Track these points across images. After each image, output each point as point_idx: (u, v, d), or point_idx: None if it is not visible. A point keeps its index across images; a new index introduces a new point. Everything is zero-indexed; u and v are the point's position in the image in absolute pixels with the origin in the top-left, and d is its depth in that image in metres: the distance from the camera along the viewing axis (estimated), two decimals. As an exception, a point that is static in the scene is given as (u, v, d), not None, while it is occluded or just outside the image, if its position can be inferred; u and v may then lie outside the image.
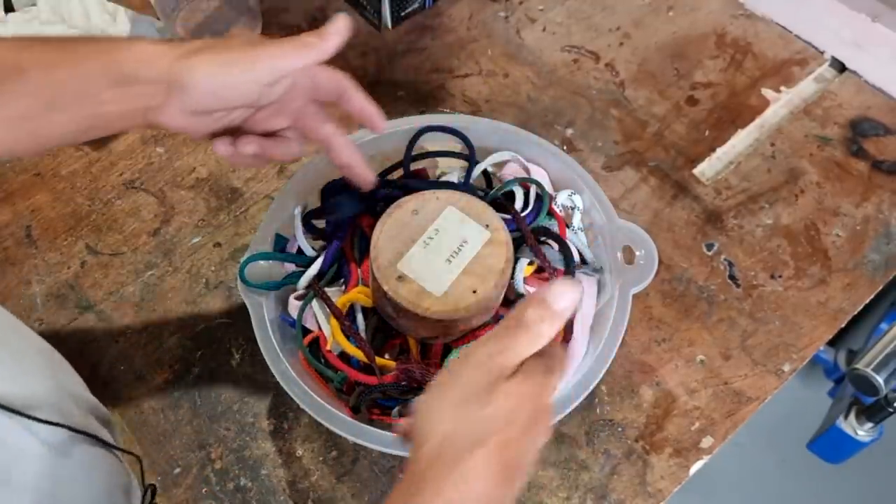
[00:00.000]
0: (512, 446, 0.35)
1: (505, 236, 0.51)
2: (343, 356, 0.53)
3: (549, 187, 0.59)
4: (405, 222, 0.51)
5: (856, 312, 0.62)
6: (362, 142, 0.60)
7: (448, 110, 0.74)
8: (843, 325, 0.61)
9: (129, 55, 0.40)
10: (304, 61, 0.43)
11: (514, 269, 0.53)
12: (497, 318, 0.54)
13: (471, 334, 0.52)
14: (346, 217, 0.56)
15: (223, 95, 0.42)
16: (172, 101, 0.41)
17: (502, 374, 0.36)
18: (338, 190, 0.57)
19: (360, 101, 0.49)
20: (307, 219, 0.58)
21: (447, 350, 0.53)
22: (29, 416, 0.38)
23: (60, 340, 0.62)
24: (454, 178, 0.60)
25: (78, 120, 0.41)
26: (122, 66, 0.40)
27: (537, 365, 0.37)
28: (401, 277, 0.49)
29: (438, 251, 0.50)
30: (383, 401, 0.52)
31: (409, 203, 0.52)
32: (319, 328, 0.55)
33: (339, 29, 0.43)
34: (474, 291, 0.49)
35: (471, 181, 0.60)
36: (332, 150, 0.50)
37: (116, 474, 0.46)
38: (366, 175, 0.51)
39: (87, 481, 0.42)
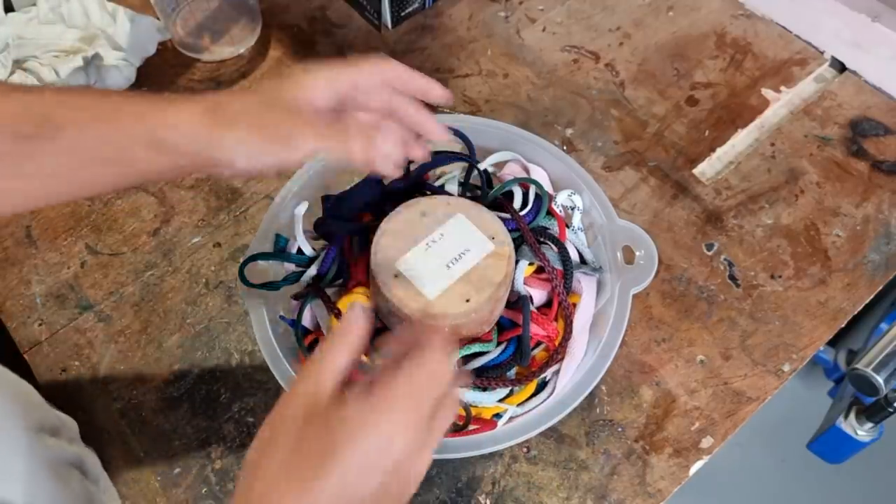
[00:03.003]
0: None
1: (508, 251, 0.51)
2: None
3: (548, 187, 0.59)
4: (412, 222, 0.51)
5: (856, 312, 0.62)
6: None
7: (448, 110, 0.74)
8: (843, 325, 0.61)
9: (164, 121, 0.39)
10: (340, 157, 0.41)
11: (514, 272, 0.53)
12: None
13: (466, 342, 0.52)
14: (353, 212, 0.57)
15: (255, 168, 0.41)
16: (209, 164, 0.41)
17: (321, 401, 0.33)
18: (335, 203, 0.58)
19: (418, 80, 0.45)
20: (316, 224, 0.58)
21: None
22: None
23: (60, 340, 0.62)
24: (454, 178, 0.60)
25: (112, 175, 0.41)
26: (157, 131, 0.39)
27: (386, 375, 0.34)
28: (397, 275, 0.49)
29: (439, 255, 0.50)
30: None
31: (419, 204, 0.52)
32: (319, 328, 0.55)
33: (395, 166, 0.42)
34: (467, 300, 0.48)
35: (470, 181, 0.60)
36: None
37: None
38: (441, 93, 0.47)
39: None
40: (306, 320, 0.56)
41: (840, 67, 0.75)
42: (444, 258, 0.50)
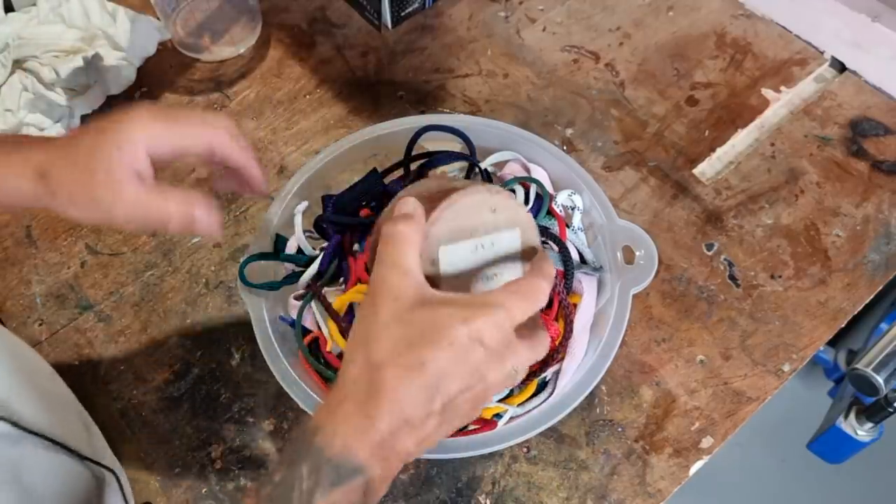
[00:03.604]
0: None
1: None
2: (343, 356, 0.53)
3: (549, 187, 0.59)
4: (477, 213, 0.44)
5: (856, 312, 0.62)
6: (361, 141, 0.60)
7: (448, 110, 0.74)
8: (843, 325, 0.61)
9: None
10: (157, 226, 0.42)
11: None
12: None
13: None
14: (353, 207, 0.57)
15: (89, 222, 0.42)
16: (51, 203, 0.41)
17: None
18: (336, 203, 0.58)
19: (238, 160, 0.45)
20: (316, 223, 0.58)
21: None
22: None
23: (60, 340, 0.62)
24: (454, 177, 0.60)
25: None
26: None
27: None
28: (434, 262, 0.43)
29: (478, 263, 0.45)
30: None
31: (494, 198, 0.44)
32: (319, 328, 0.55)
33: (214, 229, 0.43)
34: None
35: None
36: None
37: (74, 481, 0.46)
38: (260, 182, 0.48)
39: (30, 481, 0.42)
40: (306, 320, 0.56)
41: (840, 67, 0.75)
42: (480, 267, 0.45)
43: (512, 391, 0.53)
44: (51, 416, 0.46)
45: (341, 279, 0.56)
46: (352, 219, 0.56)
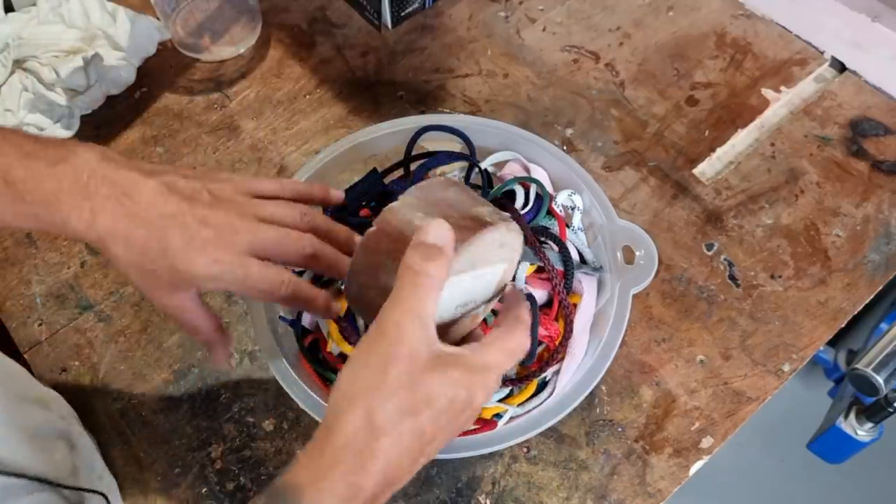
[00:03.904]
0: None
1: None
2: (343, 357, 0.53)
3: (549, 187, 0.59)
4: (489, 247, 0.42)
5: (856, 312, 0.62)
6: (362, 141, 0.60)
7: (448, 110, 0.74)
8: (843, 325, 0.61)
9: (63, 228, 0.40)
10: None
11: (514, 275, 0.52)
12: None
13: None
14: (352, 206, 0.57)
15: None
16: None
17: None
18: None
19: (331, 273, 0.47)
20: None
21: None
22: None
23: (60, 340, 0.62)
24: (454, 177, 0.60)
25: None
26: (61, 230, 0.40)
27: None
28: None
29: (465, 292, 0.43)
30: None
31: (507, 234, 0.43)
32: (319, 328, 0.55)
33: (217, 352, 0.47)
34: None
35: (471, 181, 0.60)
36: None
37: None
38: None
39: None
40: (306, 320, 0.56)
41: (840, 67, 0.75)
42: (463, 298, 0.43)
43: (512, 391, 0.53)
44: (32, 448, 0.46)
45: (341, 282, 0.56)
46: (352, 219, 0.56)
